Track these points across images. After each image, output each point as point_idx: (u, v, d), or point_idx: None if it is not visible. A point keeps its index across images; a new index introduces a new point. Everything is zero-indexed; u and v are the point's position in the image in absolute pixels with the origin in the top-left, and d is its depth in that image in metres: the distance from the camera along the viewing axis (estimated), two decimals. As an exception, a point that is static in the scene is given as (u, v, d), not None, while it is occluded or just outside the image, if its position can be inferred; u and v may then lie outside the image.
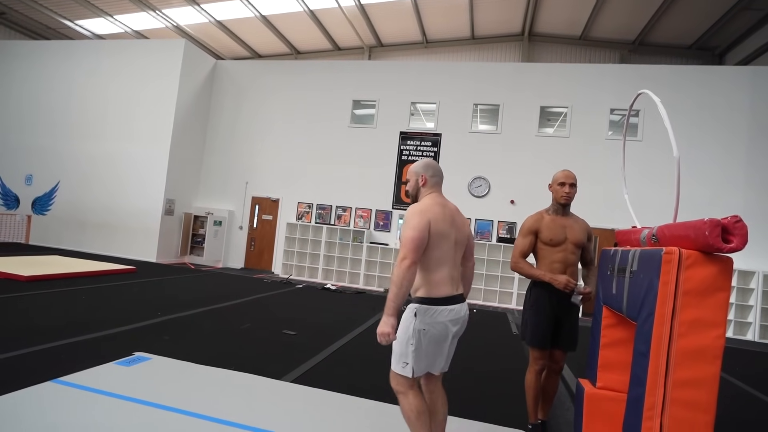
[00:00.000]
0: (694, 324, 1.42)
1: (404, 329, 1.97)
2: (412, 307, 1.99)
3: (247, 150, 11.39)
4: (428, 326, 1.96)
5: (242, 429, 2.41)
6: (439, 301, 1.99)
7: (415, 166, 2.24)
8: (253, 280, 9.28)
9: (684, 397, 1.42)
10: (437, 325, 1.98)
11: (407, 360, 1.96)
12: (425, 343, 1.97)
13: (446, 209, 2.10)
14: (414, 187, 2.22)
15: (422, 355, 1.97)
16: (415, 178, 2.22)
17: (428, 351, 1.99)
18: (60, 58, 11.61)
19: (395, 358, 2.01)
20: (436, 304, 1.98)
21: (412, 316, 1.97)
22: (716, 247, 1.37)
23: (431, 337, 1.97)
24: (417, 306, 1.98)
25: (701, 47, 11.11)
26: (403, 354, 1.97)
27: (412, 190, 2.24)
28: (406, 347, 1.96)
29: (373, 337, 5.33)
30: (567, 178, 2.84)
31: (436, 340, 1.99)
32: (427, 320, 1.96)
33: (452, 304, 2.02)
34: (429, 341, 1.97)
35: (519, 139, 9.82)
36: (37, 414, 2.32)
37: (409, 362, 1.96)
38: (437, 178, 2.22)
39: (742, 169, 8.73)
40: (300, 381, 3.38)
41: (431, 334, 1.97)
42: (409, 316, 1.98)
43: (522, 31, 11.91)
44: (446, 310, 1.99)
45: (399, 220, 10.36)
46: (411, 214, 2.04)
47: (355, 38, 12.46)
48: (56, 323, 4.32)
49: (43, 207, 11.32)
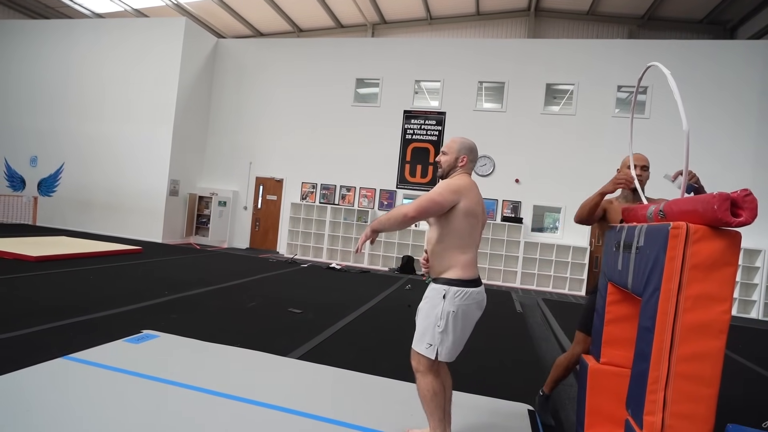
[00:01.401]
0: (700, 298, 1.41)
1: (431, 310, 1.94)
2: (441, 289, 1.94)
3: (250, 130, 11.33)
4: (458, 308, 1.92)
5: (249, 404, 2.46)
6: (468, 282, 1.95)
7: (460, 144, 2.14)
8: (258, 259, 9.35)
9: (688, 371, 1.42)
10: (467, 307, 1.94)
11: (432, 341, 1.92)
12: (453, 325, 1.92)
13: (479, 192, 2.08)
14: (450, 164, 2.13)
15: (449, 339, 1.93)
16: (455, 155, 2.12)
17: (456, 334, 1.94)
18: (60, 38, 11.49)
19: (419, 337, 1.97)
20: (467, 286, 1.94)
21: (441, 298, 1.92)
22: (725, 221, 1.35)
23: (460, 320, 1.93)
24: (446, 287, 1.93)
25: (712, 21, 10.82)
26: (428, 335, 1.93)
27: (446, 165, 2.14)
28: (433, 329, 1.92)
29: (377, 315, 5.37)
30: (637, 160, 2.54)
31: (463, 323, 1.95)
32: (457, 302, 1.92)
33: (478, 287, 2.00)
34: (457, 324, 1.93)
35: (524, 117, 9.70)
36: (49, 389, 2.37)
37: (433, 344, 1.92)
38: (474, 164, 2.17)
39: (752, 144, 8.60)
40: (306, 358, 3.43)
41: (460, 316, 1.93)
42: (437, 297, 1.93)
43: (528, 6, 11.63)
44: (474, 291, 1.97)
45: (404, 199, 10.34)
46: (440, 186, 1.99)
47: (358, 15, 12.22)
48: (65, 302, 4.38)
49: (48, 188, 11.37)
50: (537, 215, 9.74)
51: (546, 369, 3.93)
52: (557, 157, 9.49)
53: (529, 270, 9.33)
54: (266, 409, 2.42)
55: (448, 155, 2.14)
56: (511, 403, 2.85)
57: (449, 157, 2.13)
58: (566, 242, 9.29)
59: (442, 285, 1.95)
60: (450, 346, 1.94)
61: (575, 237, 9.37)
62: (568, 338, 4.81)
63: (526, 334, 5.08)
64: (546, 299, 7.74)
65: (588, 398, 2.29)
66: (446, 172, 2.14)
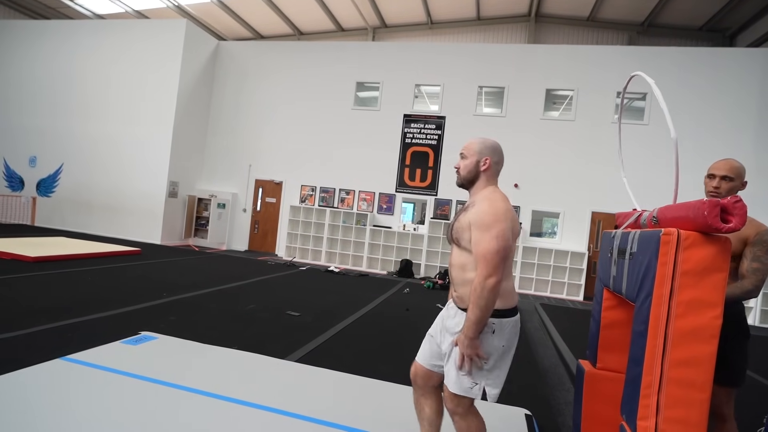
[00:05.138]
0: (691, 304, 1.43)
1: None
2: (489, 323, 1.70)
3: (250, 132, 11.36)
4: (506, 341, 1.72)
5: (246, 406, 2.46)
6: (512, 312, 1.75)
7: (480, 144, 1.84)
8: (257, 262, 9.35)
9: (680, 376, 1.44)
10: (513, 338, 1.75)
11: (477, 380, 1.71)
12: (504, 360, 1.74)
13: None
14: (472, 169, 1.83)
15: (501, 375, 1.75)
16: (476, 158, 1.82)
17: (504, 369, 1.76)
18: (60, 38, 11.52)
19: (456, 377, 1.73)
20: (511, 316, 1.74)
21: (490, 333, 1.70)
22: (715, 227, 1.37)
23: (506, 353, 1.74)
24: (495, 320, 1.70)
25: (712, 29, 10.88)
26: (472, 375, 1.71)
27: (467, 172, 1.84)
28: (476, 366, 1.71)
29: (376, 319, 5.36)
30: (715, 169, 2.17)
31: (508, 355, 1.76)
32: (505, 335, 1.72)
33: (518, 314, 1.80)
34: (506, 358, 1.75)
35: (524, 123, 9.73)
36: (47, 389, 2.38)
37: (479, 383, 1.71)
38: (500, 167, 1.86)
39: (751, 150, 8.62)
40: (304, 361, 3.44)
41: (506, 349, 1.73)
42: (486, 333, 1.70)
43: (529, 11, 11.70)
44: (516, 320, 1.77)
45: (402, 204, 10.36)
46: (492, 217, 1.67)
47: (358, 19, 12.28)
48: (63, 303, 4.39)
49: (47, 189, 11.38)
50: (536, 220, 9.76)
51: (544, 374, 3.94)
52: (556, 162, 9.52)
53: (527, 275, 9.34)
54: (264, 412, 2.43)
55: (468, 159, 1.84)
56: (508, 407, 2.85)
57: (469, 161, 1.84)
58: (564, 247, 9.31)
59: (490, 318, 1.69)
60: (501, 382, 1.76)
61: (573, 242, 9.38)
62: (565, 343, 4.83)
63: (524, 338, 5.09)
64: (544, 304, 7.75)
65: (584, 403, 2.30)
66: (468, 180, 1.85)
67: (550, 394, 3.46)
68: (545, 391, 3.51)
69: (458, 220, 1.82)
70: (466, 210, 1.81)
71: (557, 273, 9.27)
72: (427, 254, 9.88)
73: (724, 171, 2.14)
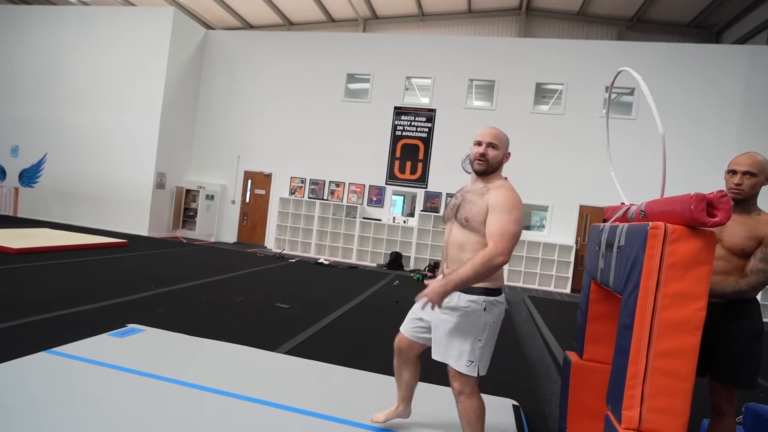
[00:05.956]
0: (677, 296, 1.46)
1: (470, 325, 1.82)
2: (480, 300, 1.81)
3: (239, 123, 11.23)
4: (496, 318, 1.85)
5: (235, 398, 2.46)
6: (500, 292, 1.89)
7: (506, 139, 1.95)
8: (246, 254, 9.30)
9: (665, 367, 1.47)
10: (500, 315, 1.88)
11: (473, 358, 1.81)
12: (492, 337, 1.86)
13: None
14: (500, 160, 1.93)
15: (488, 352, 1.86)
16: (504, 150, 1.94)
17: (491, 346, 1.87)
18: (43, 25, 11.22)
19: (457, 355, 1.82)
20: (500, 294, 1.88)
21: (482, 310, 1.81)
22: (701, 221, 1.40)
23: (495, 330, 1.87)
24: (486, 298, 1.82)
25: (699, 25, 11.00)
26: (467, 352, 1.81)
27: (497, 162, 1.92)
28: (473, 344, 1.81)
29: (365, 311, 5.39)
30: (737, 164, 2.02)
31: (495, 333, 1.88)
32: (495, 312, 1.84)
33: (503, 294, 1.94)
34: (493, 335, 1.87)
35: (514, 116, 9.77)
36: (31, 383, 2.35)
37: (474, 360, 1.81)
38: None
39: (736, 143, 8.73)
40: (293, 353, 3.44)
41: (496, 326, 1.87)
42: (477, 311, 1.81)
43: (519, 5, 11.69)
44: (503, 299, 1.90)
45: (392, 196, 10.36)
46: (513, 204, 1.80)
47: (349, 9, 12.16)
48: (47, 296, 4.32)
49: (30, 179, 11.15)
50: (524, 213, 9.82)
51: (531, 365, 4.00)
52: (545, 156, 9.59)
53: (515, 267, 9.43)
54: (253, 404, 2.42)
55: (499, 150, 1.91)
56: (496, 398, 2.89)
57: (499, 152, 1.92)
58: (552, 240, 9.41)
59: (480, 296, 1.81)
60: (487, 360, 1.87)
61: (561, 235, 9.48)
62: (552, 335, 4.89)
63: (512, 331, 5.15)
64: (532, 296, 7.83)
65: (570, 393, 2.34)
66: (492, 169, 1.92)
67: (537, 385, 3.52)
68: (532, 382, 3.56)
69: (470, 201, 1.87)
70: (481, 194, 1.86)
71: (545, 266, 9.37)
72: (416, 247, 9.91)
73: (746, 166, 1.99)
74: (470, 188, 1.97)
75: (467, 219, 1.85)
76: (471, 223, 1.84)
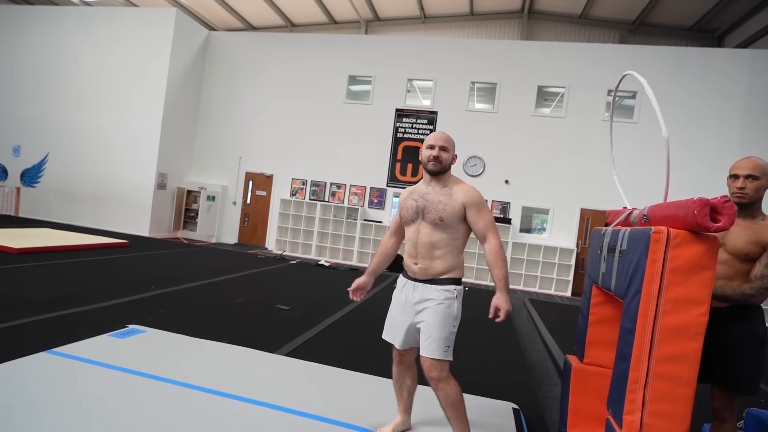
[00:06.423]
0: (679, 301, 1.45)
1: (446, 313, 1.97)
2: (452, 289, 2.00)
3: (240, 124, 11.25)
4: (461, 303, 2.04)
5: (235, 400, 2.46)
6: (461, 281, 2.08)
7: (454, 142, 2.15)
8: (247, 255, 9.30)
9: (667, 372, 1.46)
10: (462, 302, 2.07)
11: (449, 343, 1.97)
12: (458, 322, 2.03)
13: None
14: (450, 161, 2.10)
15: (454, 337, 2.02)
16: (452, 153, 2.11)
17: (457, 328, 2.04)
18: (45, 25, 11.26)
19: (437, 344, 1.95)
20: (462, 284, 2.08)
21: (454, 298, 2.00)
22: (704, 226, 1.39)
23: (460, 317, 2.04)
24: (457, 287, 2.02)
25: (701, 29, 11.00)
26: (446, 338, 1.96)
27: (448, 164, 2.09)
28: (450, 331, 1.98)
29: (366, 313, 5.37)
30: (739, 168, 2.01)
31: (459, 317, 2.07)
32: (461, 300, 2.04)
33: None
34: (458, 320, 2.04)
35: (515, 119, 9.77)
36: (31, 383, 2.34)
37: (450, 345, 1.98)
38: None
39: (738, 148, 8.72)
40: (293, 354, 3.44)
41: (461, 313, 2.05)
42: (450, 299, 1.99)
43: (522, 8, 11.70)
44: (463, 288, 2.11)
45: (393, 198, 10.35)
46: (482, 198, 2.05)
47: (351, 11, 12.18)
48: (48, 296, 4.32)
49: (32, 179, 11.17)
50: (525, 216, 9.83)
51: (531, 369, 3.99)
52: (547, 159, 9.58)
53: (516, 270, 9.41)
54: (253, 406, 2.42)
55: (449, 152, 2.09)
56: (496, 401, 2.88)
57: (450, 154, 2.09)
58: (553, 243, 9.40)
59: (451, 285, 2.01)
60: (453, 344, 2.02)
61: (562, 239, 9.47)
62: (553, 338, 4.88)
63: (512, 334, 5.14)
64: (532, 299, 7.82)
65: (571, 397, 2.33)
66: (444, 170, 2.09)
67: (537, 388, 3.51)
68: (533, 385, 3.55)
69: (438, 201, 2.02)
70: (447, 195, 2.03)
71: (546, 269, 9.36)
72: (417, 249, 9.88)
73: (748, 170, 1.98)
74: (427, 190, 2.08)
75: (442, 219, 1.99)
76: (446, 222, 2.00)
